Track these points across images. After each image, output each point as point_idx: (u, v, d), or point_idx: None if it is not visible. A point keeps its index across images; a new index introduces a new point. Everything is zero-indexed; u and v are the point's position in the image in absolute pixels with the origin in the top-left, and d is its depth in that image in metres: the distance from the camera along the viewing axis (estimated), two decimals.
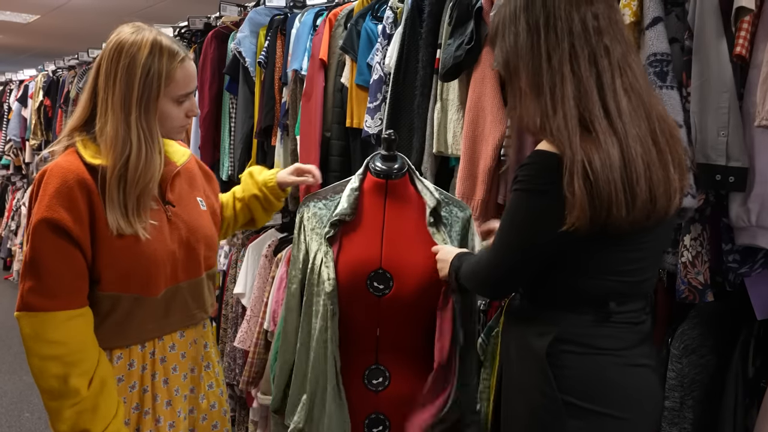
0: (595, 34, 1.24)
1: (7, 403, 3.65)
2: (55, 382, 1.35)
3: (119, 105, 1.39)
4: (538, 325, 1.31)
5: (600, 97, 1.21)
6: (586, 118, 1.20)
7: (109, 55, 1.43)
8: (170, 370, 1.54)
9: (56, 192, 1.34)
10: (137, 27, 1.46)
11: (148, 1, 6.27)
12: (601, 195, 1.16)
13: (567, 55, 1.23)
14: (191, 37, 3.57)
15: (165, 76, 1.42)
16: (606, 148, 1.17)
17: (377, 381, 1.60)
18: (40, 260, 1.35)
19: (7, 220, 6.58)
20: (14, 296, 1.46)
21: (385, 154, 1.66)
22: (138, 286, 1.43)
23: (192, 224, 1.55)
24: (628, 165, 1.18)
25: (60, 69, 5.56)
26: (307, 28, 2.73)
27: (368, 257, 1.60)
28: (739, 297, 1.60)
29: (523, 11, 1.27)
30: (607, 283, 1.27)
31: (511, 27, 1.29)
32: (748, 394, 1.61)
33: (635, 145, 1.19)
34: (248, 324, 2.81)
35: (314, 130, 2.58)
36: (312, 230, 1.67)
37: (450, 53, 2.01)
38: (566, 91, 1.22)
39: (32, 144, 5.64)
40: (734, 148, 1.44)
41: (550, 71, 1.23)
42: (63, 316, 1.35)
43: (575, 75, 1.22)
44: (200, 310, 1.61)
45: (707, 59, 1.45)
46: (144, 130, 1.41)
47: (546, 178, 1.20)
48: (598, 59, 1.23)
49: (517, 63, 1.28)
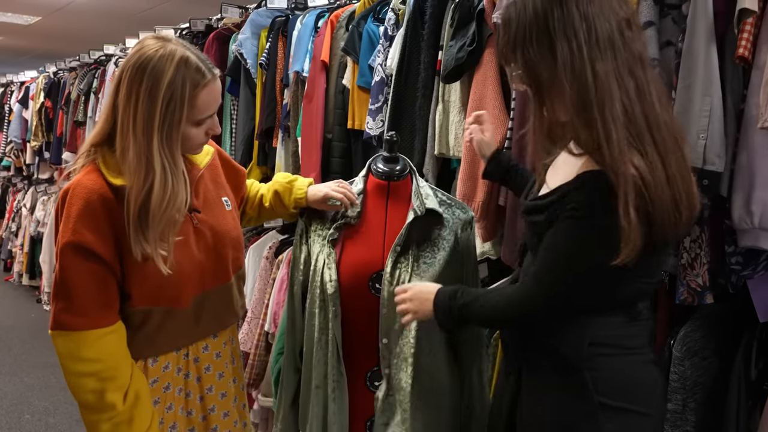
0: (630, 42, 1.18)
1: (7, 405, 3.65)
2: (92, 398, 1.36)
3: (141, 129, 1.32)
4: (565, 331, 1.27)
5: (642, 111, 1.16)
6: (632, 134, 1.14)
7: (131, 73, 1.34)
8: (203, 370, 1.54)
9: (80, 214, 1.33)
10: (161, 41, 1.36)
11: (150, 2, 6.27)
12: (655, 219, 1.13)
13: (611, 68, 1.15)
14: (192, 38, 3.57)
15: (188, 101, 1.34)
16: (655, 166, 1.13)
17: (379, 383, 1.60)
18: (69, 282, 1.34)
19: (8, 222, 6.58)
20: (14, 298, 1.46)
21: (386, 156, 1.66)
22: (168, 300, 1.42)
23: (218, 229, 1.52)
24: (672, 182, 1.15)
25: (61, 71, 5.56)
26: (308, 29, 2.73)
27: (370, 259, 1.60)
28: (741, 299, 1.60)
29: (556, 20, 1.16)
30: (641, 286, 1.27)
31: (542, 37, 1.18)
32: (751, 397, 1.60)
33: (672, 160, 1.16)
34: (249, 326, 2.81)
35: (316, 132, 2.58)
36: (314, 231, 1.67)
37: (452, 55, 2.01)
38: (615, 107, 1.14)
39: (33, 145, 5.64)
40: (711, 153, 1.45)
41: (597, 87, 1.14)
42: (96, 334, 1.35)
43: (621, 89, 1.15)
44: (230, 314, 1.59)
45: (695, 62, 1.45)
46: (167, 157, 1.34)
47: (604, 204, 1.13)
48: (635, 70, 1.17)
49: (554, 77, 1.18)
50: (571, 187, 1.18)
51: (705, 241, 1.55)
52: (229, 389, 1.59)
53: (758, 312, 1.55)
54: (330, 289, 1.55)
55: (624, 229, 1.10)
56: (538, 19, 1.18)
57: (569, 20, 1.16)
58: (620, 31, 1.18)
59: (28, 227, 5.85)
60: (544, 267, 1.23)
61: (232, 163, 1.70)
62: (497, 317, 1.33)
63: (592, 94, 1.15)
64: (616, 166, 1.11)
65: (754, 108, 1.44)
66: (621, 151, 1.12)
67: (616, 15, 1.18)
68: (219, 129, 1.47)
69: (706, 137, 1.45)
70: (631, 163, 1.11)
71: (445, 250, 1.61)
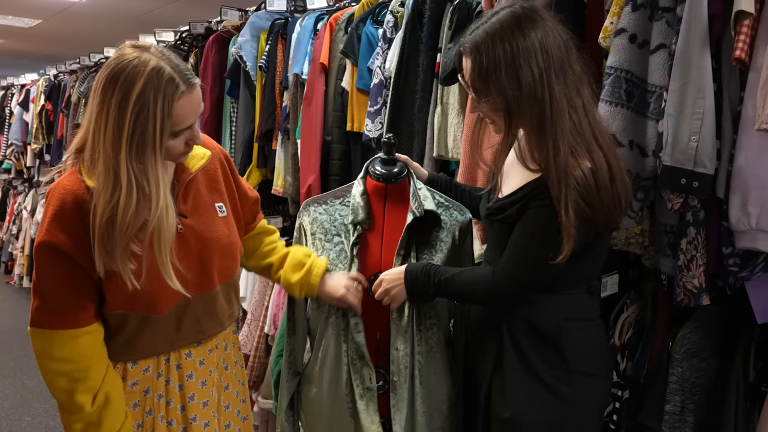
0: (574, 64, 1.36)
1: (7, 407, 3.65)
2: (63, 396, 1.37)
3: (110, 142, 1.29)
4: (538, 308, 1.45)
5: (588, 123, 1.35)
6: (581, 144, 1.32)
7: (104, 83, 1.31)
8: (185, 378, 1.50)
9: (54, 215, 1.33)
10: (138, 50, 1.32)
11: (150, 5, 6.29)
12: (597, 213, 1.32)
13: (563, 90, 1.32)
14: (192, 41, 3.58)
15: (161, 113, 1.29)
16: (601, 166, 1.32)
17: (378, 384, 1.60)
18: (43, 281, 1.35)
19: (9, 224, 6.58)
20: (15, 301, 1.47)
21: (384, 158, 1.66)
22: (143, 306, 1.40)
23: (206, 235, 1.48)
24: (616, 178, 1.34)
25: (61, 73, 5.57)
26: (307, 32, 2.74)
27: (368, 260, 1.61)
28: (739, 301, 1.60)
29: (520, 49, 1.31)
30: (598, 264, 1.50)
31: (510, 65, 1.31)
32: (750, 398, 1.60)
33: (614, 159, 1.35)
34: (249, 328, 2.82)
35: (315, 134, 2.58)
36: (312, 235, 1.67)
37: (450, 57, 2.01)
38: (565, 124, 1.32)
39: (34, 148, 5.65)
40: (702, 155, 1.45)
41: (552, 108, 1.31)
42: (69, 334, 1.35)
43: (571, 107, 1.33)
44: (214, 323, 1.54)
45: (689, 64, 1.45)
46: (134, 171, 1.29)
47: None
48: (581, 89, 1.35)
49: (519, 101, 1.33)
50: (533, 186, 1.37)
51: (701, 242, 1.55)
52: (211, 398, 1.54)
53: (756, 313, 1.55)
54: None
55: (563, 224, 1.30)
56: (504, 49, 1.32)
57: (531, 48, 1.31)
58: (567, 53, 1.34)
59: (29, 230, 5.86)
60: (515, 247, 1.40)
61: (242, 185, 1.65)
62: (475, 295, 1.50)
63: (547, 115, 1.31)
64: (560, 176, 1.30)
65: (751, 110, 1.44)
66: (566, 163, 1.30)
67: (563, 39, 1.34)
68: (200, 139, 1.42)
69: (698, 139, 1.45)
70: (579, 168, 1.30)
71: (442, 251, 1.61)
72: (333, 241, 1.64)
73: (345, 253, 1.62)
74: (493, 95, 1.36)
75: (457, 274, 1.48)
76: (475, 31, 1.37)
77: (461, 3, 2.05)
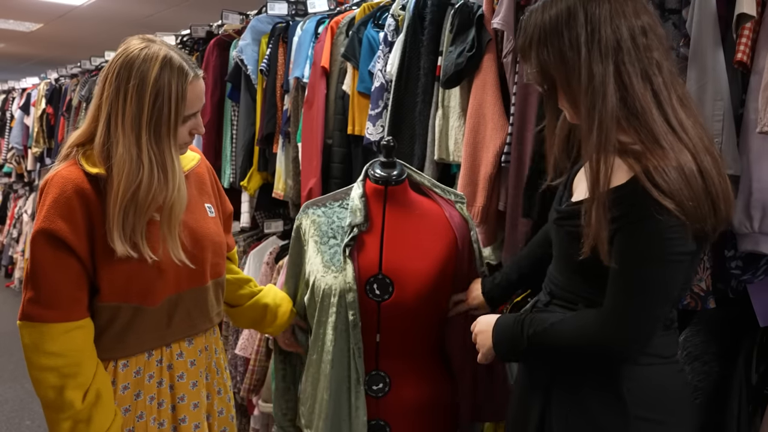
0: (645, 50, 1.20)
1: (8, 411, 3.65)
2: (52, 393, 1.35)
3: (129, 125, 1.36)
4: None
5: (661, 114, 1.18)
6: (642, 137, 1.17)
7: (118, 71, 1.37)
8: (176, 378, 1.51)
9: (54, 202, 1.33)
10: (146, 40, 1.41)
11: (151, 9, 6.30)
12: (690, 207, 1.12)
13: (612, 73, 1.18)
14: (193, 45, 3.58)
15: (175, 97, 1.38)
16: (680, 162, 1.14)
17: (377, 387, 1.60)
18: (38, 271, 1.34)
19: (9, 228, 6.59)
20: (16, 304, 1.47)
21: (384, 161, 1.66)
22: (138, 297, 1.41)
23: (198, 231, 1.52)
24: (706, 177, 1.15)
25: (62, 77, 5.57)
26: (308, 35, 2.74)
27: (367, 263, 1.60)
28: (741, 304, 1.59)
29: (565, 25, 1.21)
30: (681, 292, 1.27)
31: (553, 40, 1.22)
32: (752, 401, 1.60)
33: (705, 158, 1.17)
34: (249, 331, 2.81)
35: (316, 138, 2.58)
36: (311, 237, 1.67)
37: (451, 60, 2.01)
38: (608, 109, 1.17)
39: (34, 152, 5.65)
40: (728, 156, 1.45)
41: (591, 91, 1.18)
42: (61, 328, 1.34)
43: (624, 92, 1.18)
44: (204, 319, 1.57)
45: (704, 66, 1.45)
46: (155, 152, 1.37)
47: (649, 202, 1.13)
48: (651, 76, 1.20)
49: (563, 80, 1.23)
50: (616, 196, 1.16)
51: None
52: (201, 399, 1.55)
53: (758, 317, 1.55)
54: (350, 297, 1.55)
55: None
56: (551, 23, 1.23)
57: (576, 25, 1.21)
58: (632, 37, 1.20)
59: (29, 233, 5.85)
60: (623, 277, 1.17)
61: (223, 195, 1.71)
62: (581, 342, 1.23)
63: (585, 99, 1.19)
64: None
65: (752, 112, 1.44)
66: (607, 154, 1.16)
67: (629, 22, 1.21)
68: (203, 129, 1.51)
69: (721, 141, 1.44)
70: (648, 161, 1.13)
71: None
72: (328, 244, 1.64)
73: (339, 256, 1.62)
74: (537, 67, 1.28)
75: (557, 321, 1.26)
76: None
77: (462, 6, 2.06)
